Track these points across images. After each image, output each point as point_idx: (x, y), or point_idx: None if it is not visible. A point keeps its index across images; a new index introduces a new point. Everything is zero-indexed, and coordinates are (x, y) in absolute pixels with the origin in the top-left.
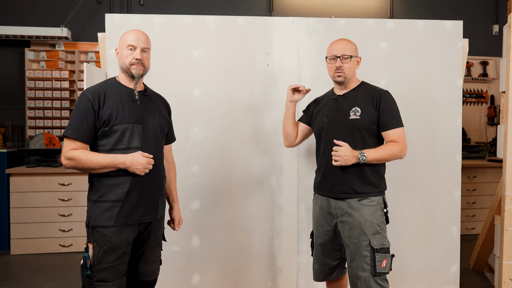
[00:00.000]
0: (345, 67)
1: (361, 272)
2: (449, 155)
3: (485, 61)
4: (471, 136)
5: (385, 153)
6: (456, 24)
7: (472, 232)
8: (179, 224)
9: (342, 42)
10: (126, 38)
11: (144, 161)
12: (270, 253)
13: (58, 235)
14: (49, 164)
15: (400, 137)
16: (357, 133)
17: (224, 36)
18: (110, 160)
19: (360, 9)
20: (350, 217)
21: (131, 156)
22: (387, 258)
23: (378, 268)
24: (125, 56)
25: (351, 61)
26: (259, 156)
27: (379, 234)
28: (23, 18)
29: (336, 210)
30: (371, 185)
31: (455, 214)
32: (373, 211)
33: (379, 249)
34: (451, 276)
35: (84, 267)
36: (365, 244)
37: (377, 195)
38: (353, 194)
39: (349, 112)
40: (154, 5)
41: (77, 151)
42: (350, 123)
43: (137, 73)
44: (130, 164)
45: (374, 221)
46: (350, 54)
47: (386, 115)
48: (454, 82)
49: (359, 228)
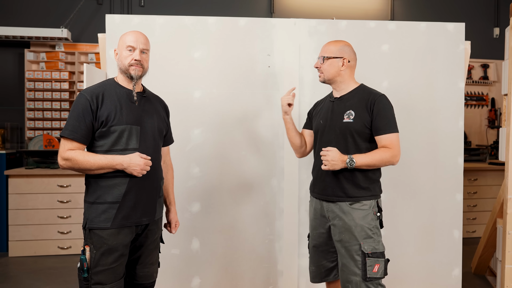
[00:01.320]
0: (322, 67)
1: (352, 276)
2: (451, 158)
3: (485, 64)
4: (471, 139)
5: (375, 158)
6: (458, 26)
7: (473, 235)
8: (176, 227)
9: (327, 44)
10: (125, 39)
11: (141, 162)
12: (270, 256)
13: (57, 237)
14: (48, 166)
15: (392, 143)
16: (350, 137)
17: (225, 38)
18: (107, 161)
19: (361, 12)
20: (341, 220)
21: (128, 157)
22: (379, 263)
23: (369, 272)
24: (124, 57)
25: (328, 62)
26: (260, 158)
27: (371, 238)
28: (23, 19)
29: (328, 213)
30: (362, 189)
31: (457, 217)
32: (364, 215)
33: (371, 253)
34: (453, 280)
35: (81, 270)
36: (356, 248)
37: (370, 199)
38: (345, 198)
39: (343, 115)
40: (154, 6)
41: (74, 152)
42: (343, 126)
43: (136, 74)
44: (127, 165)
45: (365, 225)
46: (327, 55)
47: (379, 119)
48: (456, 84)
49: (349, 232)
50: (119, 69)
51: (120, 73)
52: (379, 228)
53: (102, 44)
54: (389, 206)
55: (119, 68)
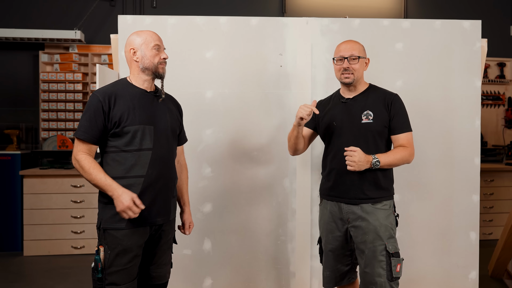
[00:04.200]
0: (353, 68)
1: (377, 278)
2: (467, 158)
3: (502, 63)
4: (488, 139)
5: (397, 158)
6: (475, 23)
7: (490, 237)
8: (190, 228)
9: (350, 43)
10: (149, 38)
11: (127, 203)
12: (283, 257)
13: (71, 237)
14: (62, 166)
15: (409, 141)
16: (370, 137)
17: (237, 37)
18: (104, 184)
19: (374, 10)
20: (364, 221)
21: (122, 190)
22: (400, 262)
23: (394, 272)
24: (151, 56)
25: (359, 62)
26: (272, 159)
27: (393, 238)
28: (38, 21)
29: (348, 215)
30: (383, 189)
31: (473, 219)
32: (387, 215)
33: (394, 253)
34: (469, 283)
35: (95, 270)
36: (381, 248)
37: (389, 199)
38: (367, 199)
39: (360, 115)
40: (166, 7)
41: (85, 157)
42: (362, 127)
43: (164, 72)
44: (116, 197)
45: (388, 225)
46: (358, 55)
47: (398, 118)
48: (472, 83)
49: (374, 233)
50: (142, 69)
51: (142, 72)
52: (396, 228)
53: (115, 44)
54: (405, 207)
55: (141, 68)
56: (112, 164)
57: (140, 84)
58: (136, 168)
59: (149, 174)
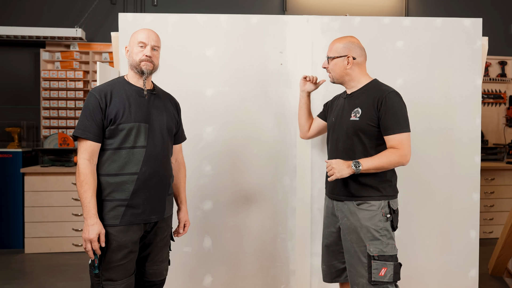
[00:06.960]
0: (329, 68)
1: (359, 278)
2: (467, 157)
3: (503, 61)
4: (488, 138)
5: (383, 161)
6: (475, 22)
7: (490, 236)
8: (186, 227)
9: (331, 43)
10: (137, 36)
11: (92, 236)
12: (283, 255)
13: (72, 234)
14: (63, 164)
15: (401, 142)
16: (355, 135)
17: (238, 35)
18: (86, 205)
19: (374, 8)
20: (348, 221)
21: (95, 221)
22: (387, 267)
23: (375, 276)
24: (135, 53)
25: (332, 62)
26: (272, 156)
27: (378, 240)
28: (38, 19)
29: (338, 212)
30: (371, 188)
31: (473, 217)
32: (371, 216)
33: (377, 256)
34: (469, 281)
35: (92, 266)
36: (362, 249)
37: (379, 200)
38: (351, 197)
39: (351, 112)
40: (167, 5)
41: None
42: (349, 124)
43: (147, 69)
44: (86, 225)
45: (371, 226)
46: (331, 55)
47: (388, 118)
48: (473, 81)
49: (355, 233)
50: (130, 66)
51: (131, 69)
52: (389, 231)
53: (115, 42)
54: (405, 206)
55: (129, 65)
56: (106, 161)
57: (136, 82)
58: (129, 165)
59: (142, 172)
